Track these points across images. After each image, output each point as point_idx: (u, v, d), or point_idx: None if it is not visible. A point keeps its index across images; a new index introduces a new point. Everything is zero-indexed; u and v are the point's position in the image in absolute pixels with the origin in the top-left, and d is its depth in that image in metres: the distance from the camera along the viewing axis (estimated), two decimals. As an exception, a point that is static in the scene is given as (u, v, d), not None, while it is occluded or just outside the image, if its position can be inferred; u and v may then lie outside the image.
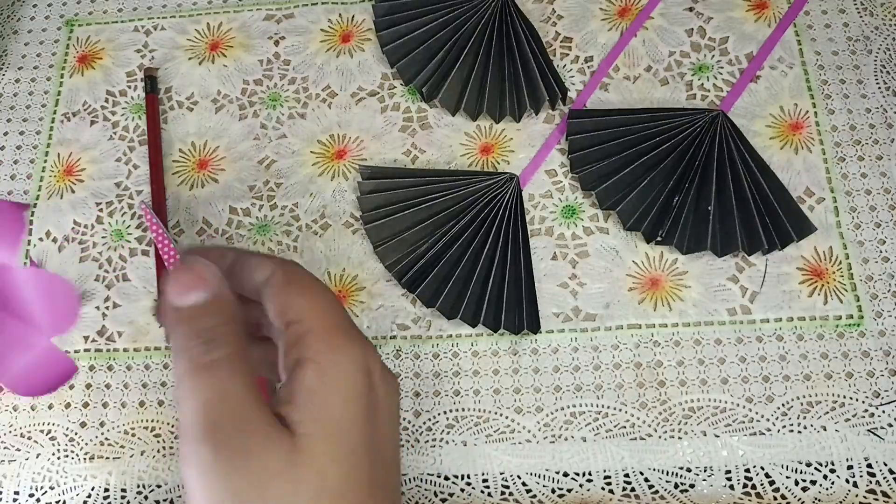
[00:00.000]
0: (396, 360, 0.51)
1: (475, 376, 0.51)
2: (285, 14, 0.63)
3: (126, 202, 0.57)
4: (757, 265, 0.51)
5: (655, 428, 0.48)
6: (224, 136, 0.59)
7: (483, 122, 0.57)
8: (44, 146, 0.60)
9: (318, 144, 0.58)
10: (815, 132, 0.54)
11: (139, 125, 0.60)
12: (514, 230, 0.52)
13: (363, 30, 0.61)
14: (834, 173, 0.53)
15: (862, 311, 0.50)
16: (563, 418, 0.49)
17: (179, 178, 0.58)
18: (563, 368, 0.50)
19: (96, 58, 0.63)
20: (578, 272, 0.52)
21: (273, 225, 0.56)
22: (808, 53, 0.57)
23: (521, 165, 0.56)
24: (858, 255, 0.51)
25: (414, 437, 0.49)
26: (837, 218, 0.52)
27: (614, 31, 0.59)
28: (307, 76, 0.60)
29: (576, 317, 0.51)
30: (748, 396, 0.48)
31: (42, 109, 0.61)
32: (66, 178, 0.59)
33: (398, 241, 0.53)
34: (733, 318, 0.50)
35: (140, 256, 0.56)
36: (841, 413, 0.48)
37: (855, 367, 0.48)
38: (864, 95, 0.55)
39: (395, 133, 0.58)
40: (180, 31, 0.63)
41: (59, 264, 0.56)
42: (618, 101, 0.57)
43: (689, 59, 0.57)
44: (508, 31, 0.57)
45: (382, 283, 0.53)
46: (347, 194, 0.56)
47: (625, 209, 0.52)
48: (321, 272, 0.54)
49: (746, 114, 0.55)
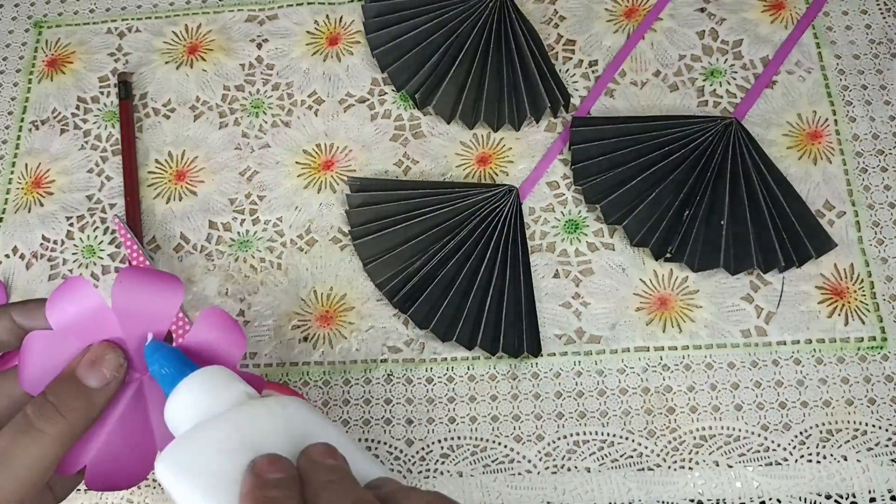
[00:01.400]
0: (388, 384, 0.52)
1: (472, 402, 0.51)
2: (268, 15, 0.64)
3: (98, 216, 0.58)
4: (773, 284, 0.52)
5: (664, 457, 0.49)
6: (203, 146, 0.60)
7: (480, 131, 0.58)
8: (10, 156, 0.61)
9: (303, 154, 0.59)
10: (835, 141, 0.55)
11: (112, 134, 0.61)
12: (513, 246, 0.53)
13: (352, 32, 0.62)
14: (855, 185, 0.54)
15: (885, 333, 0.50)
16: (566, 447, 0.50)
17: (155, 190, 0.59)
18: (566, 394, 0.51)
19: (66, 62, 0.64)
20: (582, 291, 0.53)
21: (255, 240, 0.57)
22: (828, 57, 0.58)
23: (521, 177, 0.56)
24: (882, 273, 0.52)
25: (406, 467, 0.50)
26: (859, 233, 0.53)
27: (620, 33, 0.60)
28: (292, 81, 0.61)
29: (579, 339, 0.52)
30: (763, 424, 0.49)
31: (8, 117, 0.63)
32: (35, 190, 0.60)
33: (389, 258, 0.54)
34: (747, 340, 0.51)
35: (113, 274, 0.56)
36: (863, 442, 0.48)
37: (878, 392, 0.49)
38: (887, 102, 0.56)
39: (386, 142, 0.58)
40: (156, 33, 0.64)
41: (27, 282, 0.57)
42: (624, 108, 0.58)
43: (701, 64, 0.59)
44: (507, 34, 0.58)
45: (373, 303, 0.54)
46: (335, 208, 0.57)
47: (632, 224, 0.53)
48: (307, 290, 0.55)
49: (762, 122, 0.56)
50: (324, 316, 0.54)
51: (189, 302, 0.55)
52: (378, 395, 0.52)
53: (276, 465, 0.31)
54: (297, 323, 0.54)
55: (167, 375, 0.35)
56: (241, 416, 0.33)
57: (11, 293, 0.57)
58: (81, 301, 0.37)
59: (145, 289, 0.37)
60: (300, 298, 0.55)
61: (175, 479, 0.31)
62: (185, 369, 0.35)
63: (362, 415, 0.51)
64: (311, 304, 0.54)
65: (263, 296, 0.55)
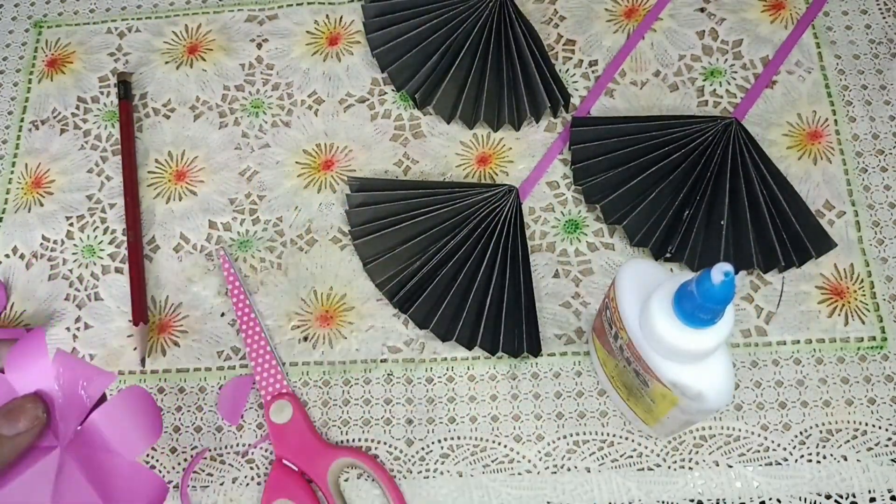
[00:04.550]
0: (387, 385, 0.52)
1: (471, 402, 0.51)
2: (269, 15, 0.64)
3: (98, 216, 0.58)
4: (773, 284, 0.52)
5: (664, 457, 0.49)
6: (203, 146, 0.60)
7: (480, 131, 0.58)
8: (10, 156, 0.61)
9: (303, 154, 0.59)
10: (835, 141, 0.55)
11: (112, 134, 0.61)
12: (513, 246, 0.53)
13: (352, 32, 0.63)
14: (855, 185, 0.54)
15: (885, 333, 0.51)
16: (566, 447, 0.50)
17: (155, 190, 0.59)
18: (566, 394, 0.51)
19: (66, 62, 0.64)
20: (582, 291, 0.53)
21: (255, 240, 0.57)
22: (828, 57, 0.58)
23: (521, 177, 0.57)
24: (882, 273, 0.52)
25: (406, 467, 0.50)
26: (859, 233, 0.53)
27: (620, 33, 0.60)
28: (292, 81, 0.61)
29: (579, 339, 0.52)
30: (763, 424, 0.49)
31: (8, 117, 0.63)
32: (35, 190, 0.60)
33: (389, 258, 0.54)
34: (748, 339, 0.51)
35: (113, 274, 0.57)
36: (863, 442, 0.48)
37: (878, 392, 0.49)
38: (887, 102, 0.56)
39: (386, 142, 0.59)
40: (156, 33, 0.64)
41: (27, 282, 0.57)
42: (624, 108, 0.58)
43: (701, 64, 0.59)
44: (507, 34, 0.59)
45: (372, 303, 0.54)
46: (335, 208, 0.57)
47: (631, 224, 0.53)
48: (307, 290, 0.55)
49: (762, 122, 0.56)
50: (324, 316, 0.54)
51: (189, 302, 0.55)
52: (378, 395, 0.52)
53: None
54: (297, 323, 0.54)
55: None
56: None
57: (11, 293, 0.57)
58: (34, 356, 0.39)
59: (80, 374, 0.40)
60: (300, 298, 0.55)
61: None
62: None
63: (362, 415, 0.51)
64: (311, 304, 0.55)
65: (263, 296, 0.55)
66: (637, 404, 0.46)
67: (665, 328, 0.37)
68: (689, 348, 0.37)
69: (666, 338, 0.37)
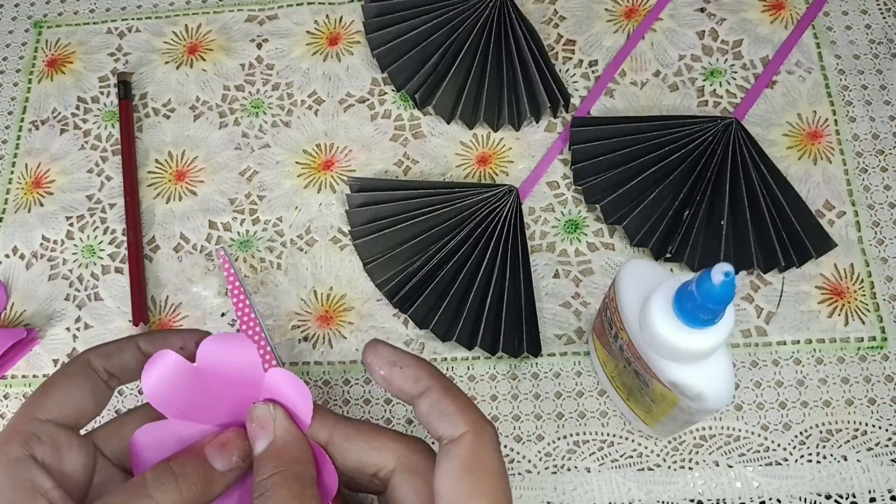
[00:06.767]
0: (387, 385, 0.52)
1: (472, 403, 0.51)
2: (269, 15, 0.64)
3: (98, 216, 0.58)
4: (773, 284, 0.52)
5: (665, 458, 0.49)
6: (203, 146, 0.60)
7: (480, 131, 0.58)
8: (10, 156, 0.61)
9: (303, 154, 0.59)
10: (835, 141, 0.56)
11: (112, 134, 0.61)
12: (513, 246, 0.53)
13: (352, 32, 0.63)
14: (855, 185, 0.54)
15: (885, 333, 0.51)
16: (566, 447, 0.50)
17: (155, 190, 0.59)
18: (566, 394, 0.51)
19: (66, 62, 0.64)
20: (582, 291, 0.53)
21: (255, 240, 0.57)
22: (828, 57, 0.58)
23: (521, 177, 0.57)
24: (882, 273, 0.52)
25: (406, 468, 0.50)
26: (859, 233, 0.53)
27: (620, 33, 0.60)
28: (292, 81, 0.61)
29: (579, 339, 0.52)
30: (763, 424, 0.49)
31: (8, 117, 0.63)
32: (35, 190, 0.60)
33: (389, 258, 0.54)
34: (748, 340, 0.51)
35: (113, 274, 0.57)
36: (863, 442, 0.49)
37: (878, 392, 0.49)
38: (887, 102, 0.56)
39: (386, 142, 0.59)
40: (156, 33, 0.64)
41: (27, 282, 0.57)
42: (624, 108, 0.58)
43: (701, 64, 0.59)
44: (507, 34, 0.59)
45: (372, 303, 0.54)
46: (335, 208, 0.57)
47: (632, 224, 0.53)
48: (307, 291, 0.55)
49: (762, 122, 0.56)
50: (324, 316, 0.54)
51: (189, 302, 0.55)
52: (378, 395, 0.52)
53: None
54: (297, 323, 0.54)
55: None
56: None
57: (11, 293, 0.57)
58: (237, 354, 0.36)
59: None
60: (300, 298, 0.55)
61: None
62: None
63: (362, 415, 0.51)
64: (311, 304, 0.55)
65: (263, 296, 0.55)
66: (637, 404, 0.46)
67: (665, 328, 0.37)
68: (689, 348, 0.37)
69: (666, 338, 0.37)
